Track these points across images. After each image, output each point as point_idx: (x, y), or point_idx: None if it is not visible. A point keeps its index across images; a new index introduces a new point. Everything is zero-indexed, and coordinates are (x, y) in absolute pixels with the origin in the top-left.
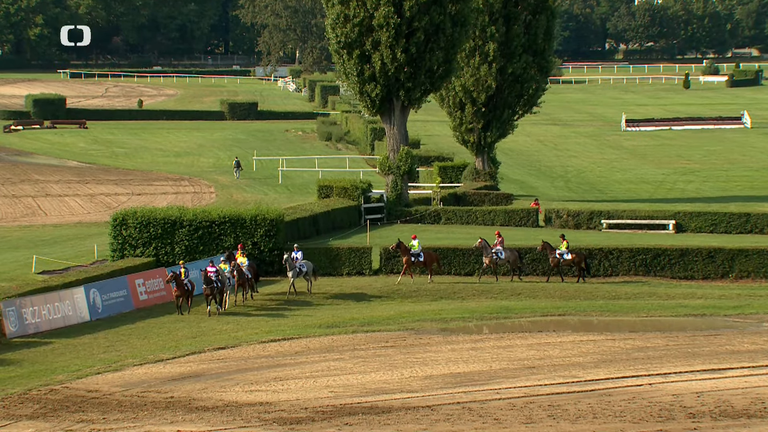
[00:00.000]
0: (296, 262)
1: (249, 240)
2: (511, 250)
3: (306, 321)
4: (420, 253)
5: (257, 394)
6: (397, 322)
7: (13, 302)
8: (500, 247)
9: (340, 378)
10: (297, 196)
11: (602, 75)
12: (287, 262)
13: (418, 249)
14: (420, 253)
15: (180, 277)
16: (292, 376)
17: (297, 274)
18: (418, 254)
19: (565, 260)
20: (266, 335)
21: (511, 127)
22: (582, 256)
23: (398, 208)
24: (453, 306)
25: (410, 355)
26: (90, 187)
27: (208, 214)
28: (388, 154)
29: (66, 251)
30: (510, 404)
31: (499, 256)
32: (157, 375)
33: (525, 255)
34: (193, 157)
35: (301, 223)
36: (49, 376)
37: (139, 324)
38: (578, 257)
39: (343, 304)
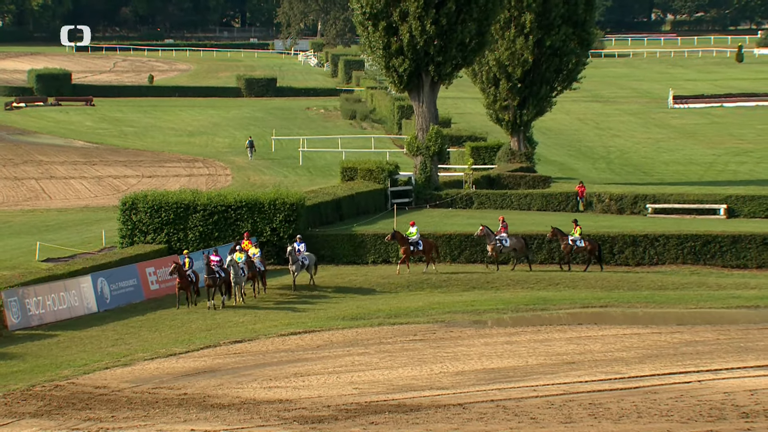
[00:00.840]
0: (299, 254)
1: (267, 226)
2: (516, 238)
3: (328, 312)
4: (419, 241)
5: (276, 390)
6: (427, 314)
7: (15, 292)
8: (504, 234)
9: (365, 374)
10: (319, 179)
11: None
12: (290, 255)
13: (416, 237)
14: (419, 241)
15: (183, 268)
16: (314, 372)
17: (300, 268)
18: (416, 242)
19: (578, 247)
20: (286, 328)
21: (549, 104)
22: (596, 243)
23: (427, 191)
24: (486, 297)
25: (440, 349)
26: (97, 168)
27: (223, 198)
28: (417, 133)
29: (72, 237)
30: (548, 402)
31: (504, 243)
32: (169, 370)
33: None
34: (208, 136)
35: (323, 208)
36: (53, 371)
37: (150, 315)
38: (592, 245)
39: (368, 294)
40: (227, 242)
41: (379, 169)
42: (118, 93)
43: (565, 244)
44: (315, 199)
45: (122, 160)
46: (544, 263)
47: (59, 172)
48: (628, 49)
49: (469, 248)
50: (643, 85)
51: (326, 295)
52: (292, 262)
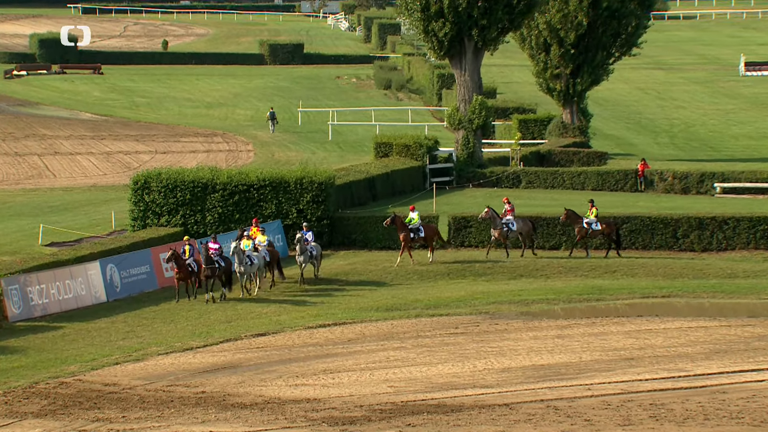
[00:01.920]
0: (307, 244)
1: (293, 207)
2: (524, 220)
3: (360, 303)
4: (420, 227)
5: (303, 388)
6: (469, 305)
7: (16, 279)
8: (511, 217)
9: (401, 370)
10: (350, 155)
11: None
12: (298, 244)
13: (417, 223)
14: (420, 227)
15: (181, 256)
16: (345, 368)
17: (308, 259)
18: (417, 229)
19: (594, 231)
20: (313, 319)
21: (606, 72)
22: (613, 225)
23: (470, 169)
24: (535, 286)
25: (484, 343)
26: (106, 143)
27: (245, 177)
28: (458, 105)
29: (78, 219)
30: (604, 402)
31: (511, 227)
32: (185, 366)
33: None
34: (228, 108)
35: (355, 187)
36: (58, 367)
37: (164, 306)
38: (609, 227)
39: (405, 283)
40: (249, 224)
41: (416, 144)
42: (128, 60)
43: (579, 228)
44: (346, 178)
45: (133, 134)
46: (600, 249)
47: (64, 148)
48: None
49: None
50: (711, 50)
51: (358, 284)
52: (299, 253)
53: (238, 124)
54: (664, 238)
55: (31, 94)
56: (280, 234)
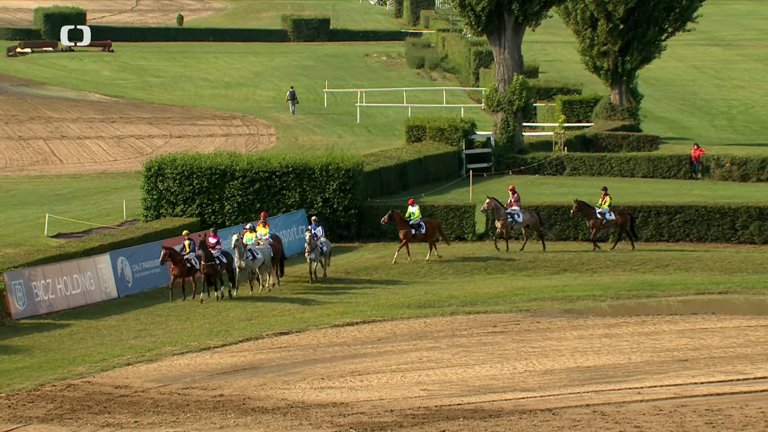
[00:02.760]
0: (317, 239)
1: (318, 196)
2: (530, 212)
3: (391, 299)
4: (421, 223)
5: (329, 392)
6: (509, 301)
7: (20, 274)
8: (516, 208)
9: (435, 372)
10: (380, 140)
11: None
12: (308, 240)
13: (418, 218)
14: (421, 223)
15: (178, 252)
16: (374, 370)
17: (319, 255)
18: (418, 225)
19: (608, 221)
20: (340, 317)
21: (658, 49)
22: (627, 215)
23: (510, 154)
24: (580, 281)
25: (525, 343)
26: (117, 127)
27: (266, 163)
28: (497, 85)
29: (87, 209)
30: (655, 408)
31: (516, 219)
32: (202, 367)
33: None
34: (248, 88)
35: (385, 174)
36: (66, 368)
37: (179, 302)
38: (623, 217)
39: (439, 278)
40: (271, 215)
41: (451, 128)
42: (141, 36)
43: (593, 221)
44: (375, 164)
45: (146, 116)
46: (650, 241)
47: (72, 131)
48: None
49: (559, 223)
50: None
51: (388, 279)
52: (309, 250)
53: (259, 106)
54: (722, 229)
55: (36, 73)
56: (304, 225)
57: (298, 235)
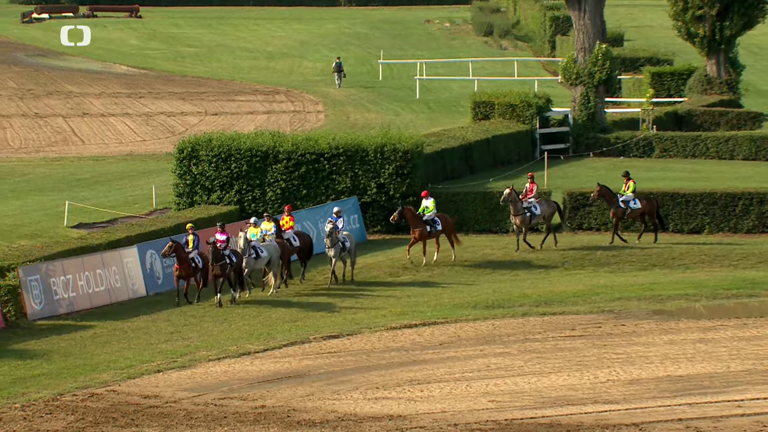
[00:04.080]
0: (338, 233)
1: (372, 181)
2: (548, 202)
3: (455, 298)
4: (436, 218)
5: (385, 403)
6: (589, 301)
7: (37, 269)
8: (533, 199)
9: (505, 381)
10: (442, 118)
11: None
12: (329, 234)
13: (432, 212)
14: (436, 218)
15: (184, 249)
16: (436, 378)
17: (340, 252)
18: (433, 221)
19: (633, 210)
20: (397, 318)
21: (762, 12)
22: (654, 203)
23: (590, 134)
24: (671, 278)
25: (607, 348)
26: (145, 103)
27: (314, 144)
28: (576, 55)
29: (112, 196)
30: (758, 423)
31: (534, 212)
32: (241, 374)
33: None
34: (293, 59)
35: (448, 157)
36: (88, 375)
37: (215, 300)
38: (649, 205)
39: (509, 274)
40: (318, 202)
41: (524, 104)
42: (172, 0)
43: (615, 210)
44: (437, 145)
45: (178, 91)
46: (752, 233)
47: (95, 108)
48: None
49: None
50: None
51: (451, 275)
52: (330, 245)
53: (306, 80)
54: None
55: (54, 42)
56: (356, 214)
57: (350, 225)
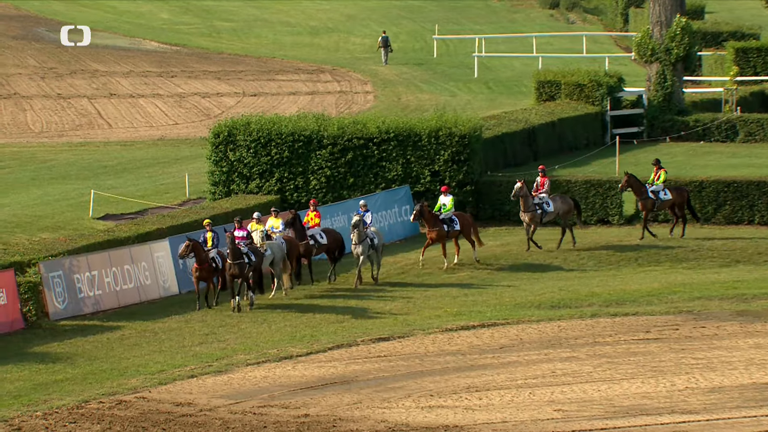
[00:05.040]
0: (366, 228)
1: (426, 168)
2: (563, 198)
3: (517, 297)
4: (453, 217)
5: (440, 412)
6: (665, 301)
7: (59, 264)
8: (545, 195)
9: (572, 389)
10: (502, 98)
11: None
12: (355, 229)
13: (450, 211)
14: (453, 217)
15: (202, 248)
16: (496, 385)
17: (368, 249)
18: (450, 220)
19: (663, 202)
20: (453, 319)
21: None
22: (685, 193)
23: (667, 116)
24: (757, 275)
25: (686, 353)
26: (178, 82)
27: (362, 127)
28: (651, 29)
29: (141, 184)
30: None
31: (545, 209)
32: (283, 380)
33: None
34: (339, 35)
35: (510, 142)
36: (116, 381)
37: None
38: (680, 196)
39: (576, 271)
40: (367, 191)
41: (593, 83)
42: None
43: (644, 202)
44: (497, 129)
45: (214, 70)
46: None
47: (122, 88)
48: None
49: (730, 202)
50: None
51: (513, 272)
52: (357, 241)
53: (353, 57)
54: None
55: (78, 15)
56: (408, 205)
57: (401, 216)
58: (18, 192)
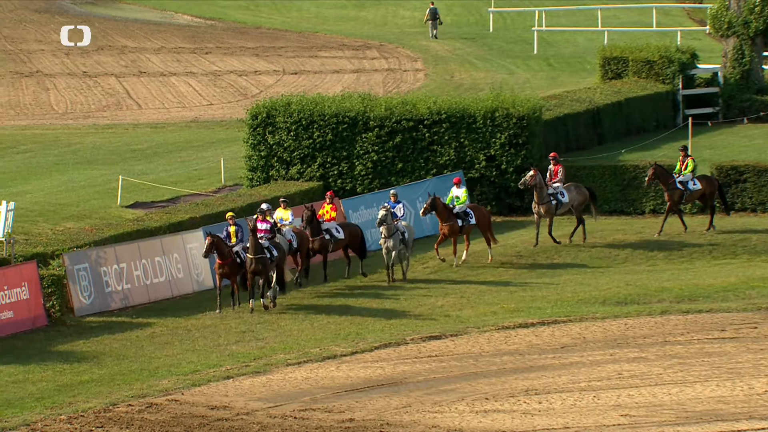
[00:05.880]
0: (396, 221)
1: (481, 153)
2: (578, 188)
3: (579, 292)
4: (468, 210)
5: (496, 416)
6: (742, 297)
7: (85, 256)
8: (559, 184)
9: (640, 392)
10: (564, 77)
11: None
12: (383, 222)
13: (465, 203)
14: (468, 210)
15: (225, 243)
16: (557, 388)
17: (398, 244)
18: (465, 214)
19: (693, 193)
20: (510, 316)
21: None
22: (715, 183)
23: (744, 96)
24: None
25: (765, 353)
26: (212, 59)
27: (411, 108)
28: (728, 0)
29: (173, 170)
30: None
31: (560, 199)
32: (325, 382)
33: None
34: (387, 8)
35: (572, 124)
36: (146, 382)
37: (295, 294)
38: (710, 185)
39: (645, 263)
40: (416, 177)
41: (663, 59)
42: None
43: (671, 193)
44: (558, 110)
45: (251, 46)
46: None
47: (153, 65)
48: None
49: None
50: None
51: (575, 265)
52: (387, 234)
53: (402, 32)
54: None
55: None
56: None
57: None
58: (41, 178)
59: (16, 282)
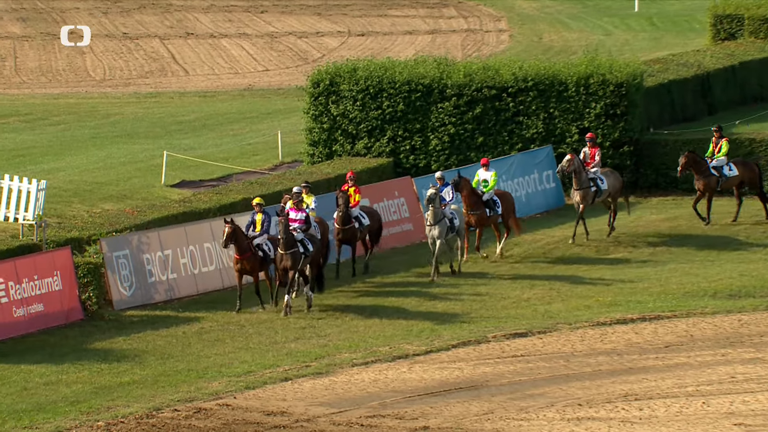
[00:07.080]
0: (444, 206)
1: (574, 125)
2: (614, 174)
3: (686, 283)
4: (496, 198)
5: (590, 425)
6: None
7: (126, 242)
8: (597, 169)
9: (757, 398)
10: (669, 38)
11: None
12: (430, 203)
13: (492, 189)
14: (496, 198)
15: (243, 234)
16: (660, 393)
17: (447, 232)
18: (493, 201)
19: (729, 180)
20: (606, 311)
21: None
22: (755, 168)
23: None
24: None
25: None
26: (268, 19)
27: (494, 75)
28: None
29: (224, 144)
30: None
31: (600, 186)
32: (396, 384)
33: None
34: None
35: (678, 92)
36: (193, 384)
37: (361, 285)
38: (749, 171)
39: (761, 251)
40: (500, 153)
41: None
42: None
43: (705, 181)
44: (662, 76)
45: (312, 3)
46: None
47: (201, 27)
48: None
49: None
50: None
51: (681, 251)
52: (433, 221)
53: None
54: None
55: None
56: (551, 170)
57: (543, 184)
58: (76, 153)
59: (48, 271)
